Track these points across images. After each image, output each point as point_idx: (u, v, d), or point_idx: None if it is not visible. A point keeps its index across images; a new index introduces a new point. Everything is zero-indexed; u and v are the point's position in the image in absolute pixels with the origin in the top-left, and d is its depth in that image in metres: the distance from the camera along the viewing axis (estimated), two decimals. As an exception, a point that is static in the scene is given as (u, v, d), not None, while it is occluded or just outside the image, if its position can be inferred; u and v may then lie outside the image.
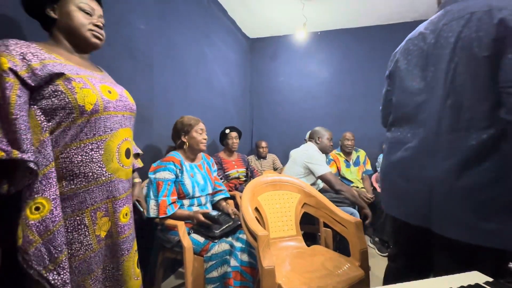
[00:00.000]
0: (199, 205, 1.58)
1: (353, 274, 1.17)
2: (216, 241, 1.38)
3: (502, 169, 0.63)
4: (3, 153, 0.61)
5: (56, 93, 0.70)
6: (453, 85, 0.70)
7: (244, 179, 2.41)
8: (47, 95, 0.69)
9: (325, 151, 2.11)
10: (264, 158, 3.21)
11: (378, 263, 2.09)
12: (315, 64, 3.65)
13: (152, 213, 1.39)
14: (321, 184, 2.13)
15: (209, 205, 1.66)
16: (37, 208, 0.65)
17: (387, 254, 2.18)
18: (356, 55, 3.47)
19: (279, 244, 1.52)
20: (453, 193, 0.69)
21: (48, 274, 0.64)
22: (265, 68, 3.88)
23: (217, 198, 1.73)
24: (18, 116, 0.63)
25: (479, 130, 0.66)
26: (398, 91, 0.89)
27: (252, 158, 3.16)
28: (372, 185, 2.77)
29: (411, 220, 0.82)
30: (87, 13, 0.81)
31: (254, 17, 3.22)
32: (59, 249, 0.66)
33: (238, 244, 1.36)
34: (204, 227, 1.43)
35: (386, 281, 1.02)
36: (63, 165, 0.72)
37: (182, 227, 1.36)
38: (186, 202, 1.52)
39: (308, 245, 1.56)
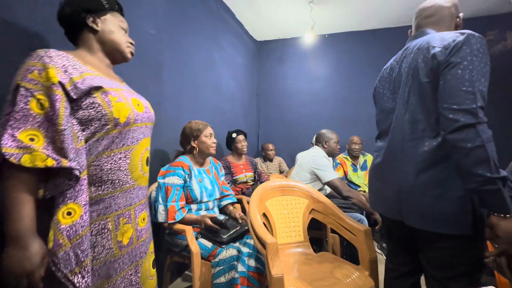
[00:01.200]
0: (207, 209, 1.58)
1: (362, 283, 1.16)
2: (223, 246, 1.38)
3: (448, 170, 0.79)
4: (54, 162, 0.64)
5: (93, 105, 0.73)
6: (408, 104, 0.88)
7: (251, 183, 2.41)
8: (84, 106, 0.72)
9: (332, 154, 2.09)
10: (271, 160, 3.21)
11: (386, 269, 2.06)
12: (323, 67, 3.64)
13: (161, 218, 1.40)
14: (328, 189, 2.11)
15: (216, 210, 1.66)
16: (68, 213, 0.67)
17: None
18: (363, 58, 3.44)
19: (287, 250, 1.51)
20: (414, 191, 0.85)
21: (73, 277, 0.67)
22: (272, 71, 3.87)
23: (224, 202, 1.73)
24: (66, 127, 0.67)
25: (430, 139, 0.83)
26: (378, 110, 1.08)
27: (258, 161, 3.16)
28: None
29: (389, 214, 0.98)
30: (124, 32, 0.92)
31: (262, 20, 3.22)
32: (85, 253, 0.69)
33: (245, 250, 1.36)
34: (211, 232, 1.43)
35: (385, 279, 1.10)
36: (94, 172, 0.75)
37: (190, 232, 1.37)
38: (193, 206, 1.53)
39: (315, 251, 1.55)
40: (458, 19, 0.96)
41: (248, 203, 1.55)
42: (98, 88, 0.75)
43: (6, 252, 0.60)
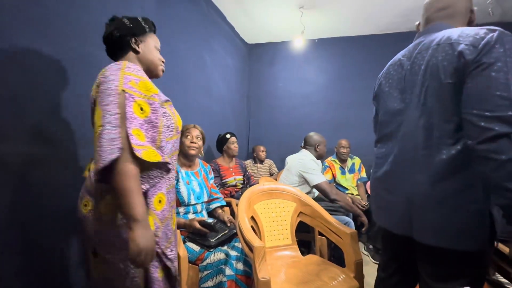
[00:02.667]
0: (195, 212, 1.57)
1: (347, 286, 1.18)
2: (211, 250, 1.37)
3: (469, 180, 0.71)
4: (161, 157, 0.79)
5: (165, 114, 0.88)
6: (424, 107, 0.79)
7: (241, 186, 2.41)
8: (160, 114, 0.85)
9: (321, 157, 2.12)
10: (262, 162, 3.21)
11: (372, 270, 2.10)
12: (313, 70, 3.69)
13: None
14: (316, 192, 2.14)
15: (204, 213, 1.65)
16: (159, 201, 0.84)
17: (380, 262, 2.19)
18: (353, 63, 3.51)
19: (275, 253, 1.52)
20: (429, 203, 0.76)
21: (166, 250, 0.86)
22: (263, 74, 3.90)
23: (213, 206, 1.73)
24: (163, 130, 0.85)
25: (448, 146, 0.74)
26: (382, 111, 0.97)
27: (249, 163, 3.17)
28: (366, 192, 2.79)
29: (395, 229, 0.89)
30: (158, 51, 1.01)
31: (253, 23, 3.24)
32: (171, 231, 0.89)
33: (233, 253, 1.36)
34: (199, 235, 1.43)
35: None
36: None
37: (177, 236, 1.36)
38: (181, 209, 1.52)
39: (303, 253, 1.57)
40: (472, 14, 0.87)
41: (237, 205, 1.55)
42: (168, 101, 0.93)
43: (135, 232, 0.69)
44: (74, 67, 1.22)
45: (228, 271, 1.28)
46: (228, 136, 2.44)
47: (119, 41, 0.91)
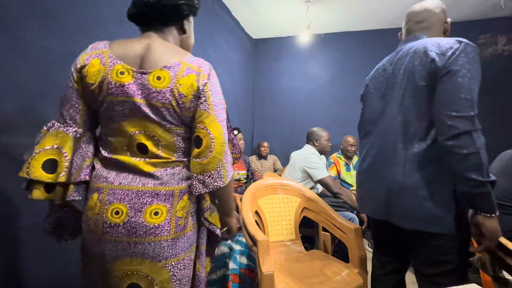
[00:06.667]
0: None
1: (351, 281, 1.18)
2: (215, 243, 1.38)
3: (438, 172, 0.82)
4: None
5: None
6: (402, 106, 0.90)
7: (244, 181, 2.41)
8: None
9: (324, 152, 2.11)
10: (265, 158, 3.21)
11: (376, 267, 2.10)
12: (318, 66, 3.65)
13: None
14: (320, 188, 2.13)
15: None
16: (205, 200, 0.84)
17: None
18: (359, 58, 3.46)
19: (278, 248, 1.52)
20: (404, 191, 0.87)
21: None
22: (267, 69, 3.87)
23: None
24: None
25: (420, 141, 0.85)
26: (367, 110, 1.09)
27: (253, 159, 3.17)
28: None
29: (376, 215, 1.00)
30: None
31: (258, 17, 3.21)
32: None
33: (237, 247, 1.36)
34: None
35: (372, 277, 1.12)
36: None
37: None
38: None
39: (307, 248, 1.57)
40: (446, 24, 0.99)
41: (241, 200, 1.56)
42: None
43: (232, 219, 0.86)
44: (80, 60, 1.23)
45: (232, 265, 1.29)
46: (235, 132, 2.44)
47: (176, 16, 0.76)
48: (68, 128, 0.71)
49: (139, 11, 0.74)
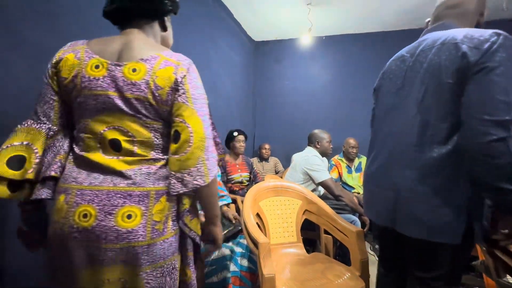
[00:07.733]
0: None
1: (353, 284, 1.17)
2: (216, 246, 1.38)
3: (454, 179, 0.75)
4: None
5: None
6: (421, 105, 0.80)
7: (247, 183, 2.40)
8: None
9: (325, 154, 2.10)
10: (266, 160, 3.21)
11: (378, 271, 2.08)
12: (320, 68, 3.65)
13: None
14: (322, 190, 2.13)
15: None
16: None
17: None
18: (360, 60, 3.46)
19: (280, 250, 1.51)
20: (414, 197, 0.79)
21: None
22: (269, 71, 3.88)
23: (219, 203, 1.73)
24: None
25: (439, 145, 0.76)
26: (380, 106, 0.99)
27: (254, 161, 3.17)
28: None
29: (379, 221, 0.93)
30: None
31: (260, 20, 3.22)
32: None
33: (238, 249, 1.36)
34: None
35: (377, 284, 1.08)
36: None
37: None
38: (187, 205, 1.53)
39: (308, 251, 1.56)
40: (481, 17, 0.86)
41: (242, 203, 1.55)
42: None
43: (219, 226, 0.80)
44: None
45: (233, 267, 1.28)
46: (235, 134, 2.42)
47: (159, 11, 0.75)
48: (42, 125, 0.67)
49: (121, 6, 0.71)
